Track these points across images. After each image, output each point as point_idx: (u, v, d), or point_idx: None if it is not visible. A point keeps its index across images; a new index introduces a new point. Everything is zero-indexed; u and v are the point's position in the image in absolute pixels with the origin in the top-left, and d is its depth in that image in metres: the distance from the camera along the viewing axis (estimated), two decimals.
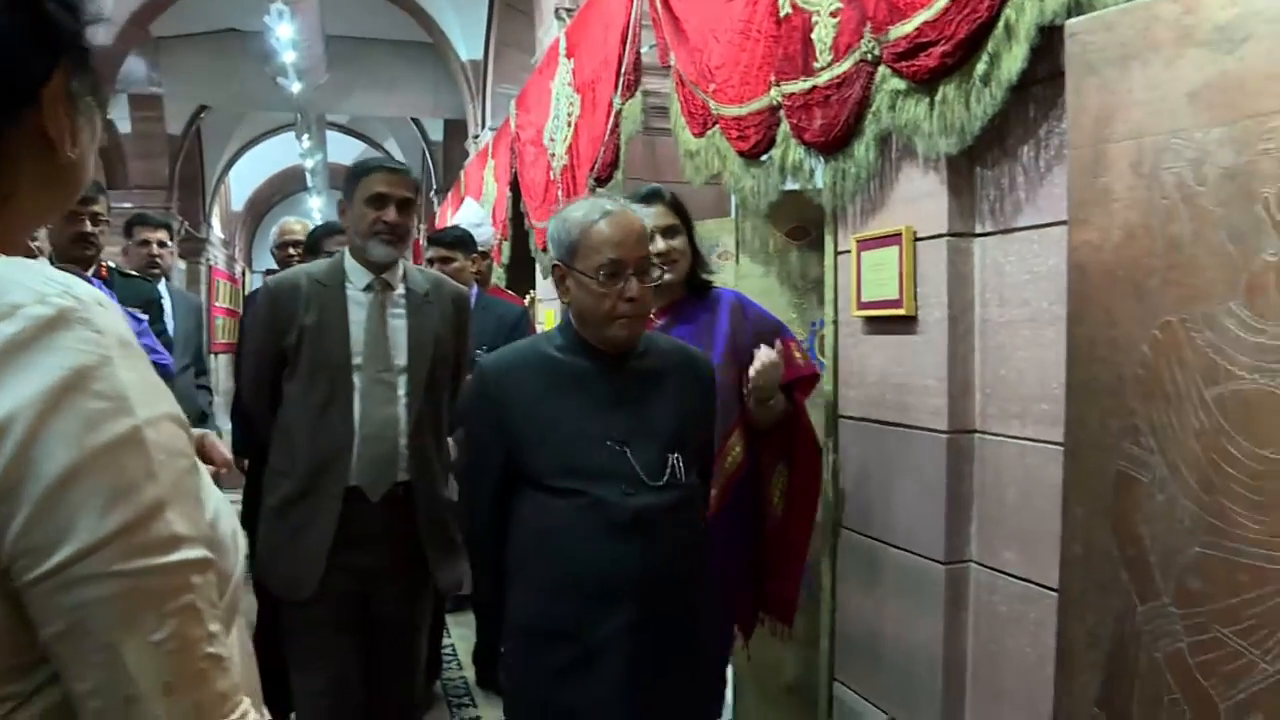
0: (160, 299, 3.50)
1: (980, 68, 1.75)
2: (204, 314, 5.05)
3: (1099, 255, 1.45)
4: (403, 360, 2.27)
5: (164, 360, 2.77)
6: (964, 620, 2.03)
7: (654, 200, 2.28)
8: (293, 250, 3.82)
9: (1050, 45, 1.65)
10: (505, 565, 1.82)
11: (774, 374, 2.18)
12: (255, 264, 19.44)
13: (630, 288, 1.71)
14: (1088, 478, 1.47)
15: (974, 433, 2.01)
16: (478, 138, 8.59)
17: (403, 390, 2.25)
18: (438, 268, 3.31)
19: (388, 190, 2.25)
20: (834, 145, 2.21)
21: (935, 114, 1.87)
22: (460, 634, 4.23)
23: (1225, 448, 1.26)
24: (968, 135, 1.82)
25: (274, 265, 4.08)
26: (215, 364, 11.57)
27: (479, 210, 4.89)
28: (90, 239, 2.85)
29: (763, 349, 2.18)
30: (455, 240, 3.53)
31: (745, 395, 2.25)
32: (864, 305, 2.27)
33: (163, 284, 3.83)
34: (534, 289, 5.56)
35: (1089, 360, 1.47)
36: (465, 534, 1.94)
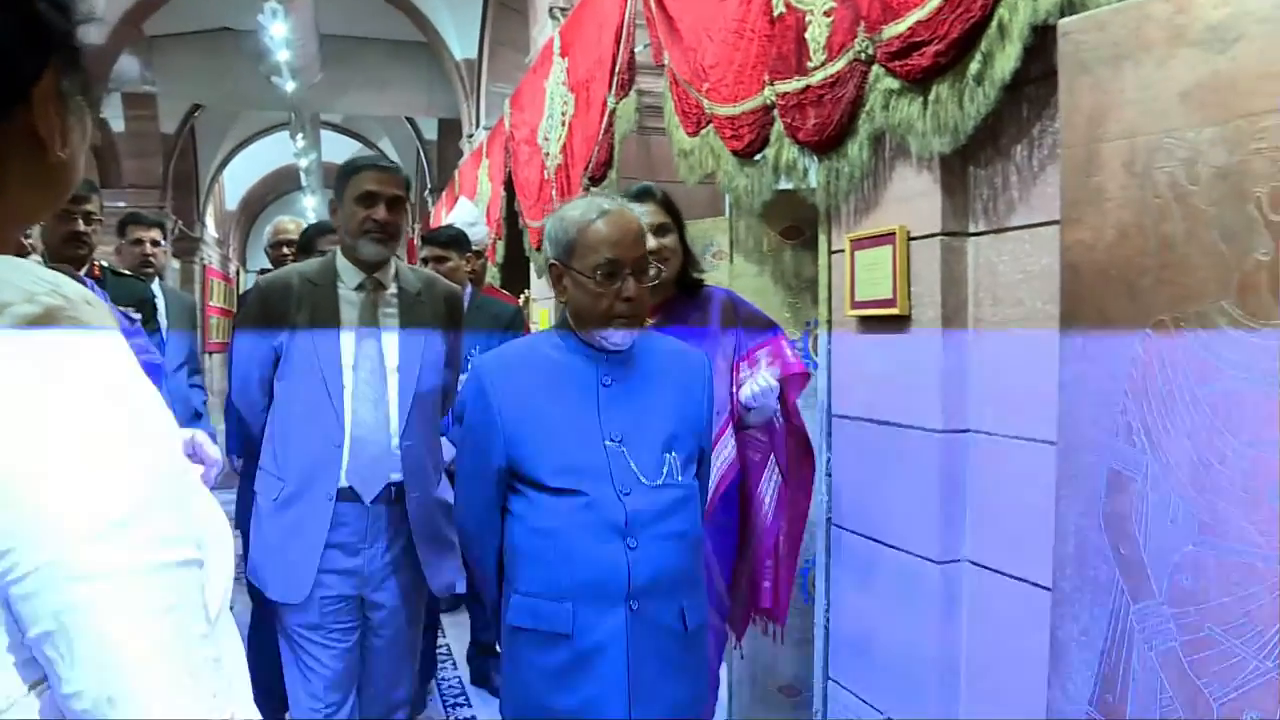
0: (153, 298, 3.50)
1: (973, 67, 1.76)
2: (198, 313, 5.04)
3: (1092, 254, 1.45)
4: (395, 360, 2.25)
5: (155, 361, 2.76)
6: (957, 619, 2.03)
7: (645, 198, 2.27)
8: (287, 249, 3.82)
9: (1043, 45, 1.65)
10: (501, 565, 1.82)
11: (767, 409, 2.25)
12: (250, 263, 19.39)
13: (628, 287, 1.70)
14: (1080, 476, 1.48)
15: (967, 432, 2.02)
16: (472, 137, 8.57)
17: (395, 390, 2.24)
18: (432, 267, 3.31)
19: (377, 188, 2.23)
20: (828, 144, 2.21)
21: (929, 113, 1.88)
22: (455, 633, 4.23)
23: (1217, 446, 1.27)
24: (961, 134, 1.83)
25: (268, 265, 4.07)
26: (210, 363, 11.55)
27: (473, 209, 4.88)
28: (83, 238, 2.84)
29: (759, 374, 2.22)
30: (449, 239, 3.53)
31: (734, 395, 2.25)
32: (858, 305, 2.27)
33: (156, 283, 3.83)
34: (528, 288, 5.56)
35: (1082, 359, 1.47)
36: (461, 533, 1.93)
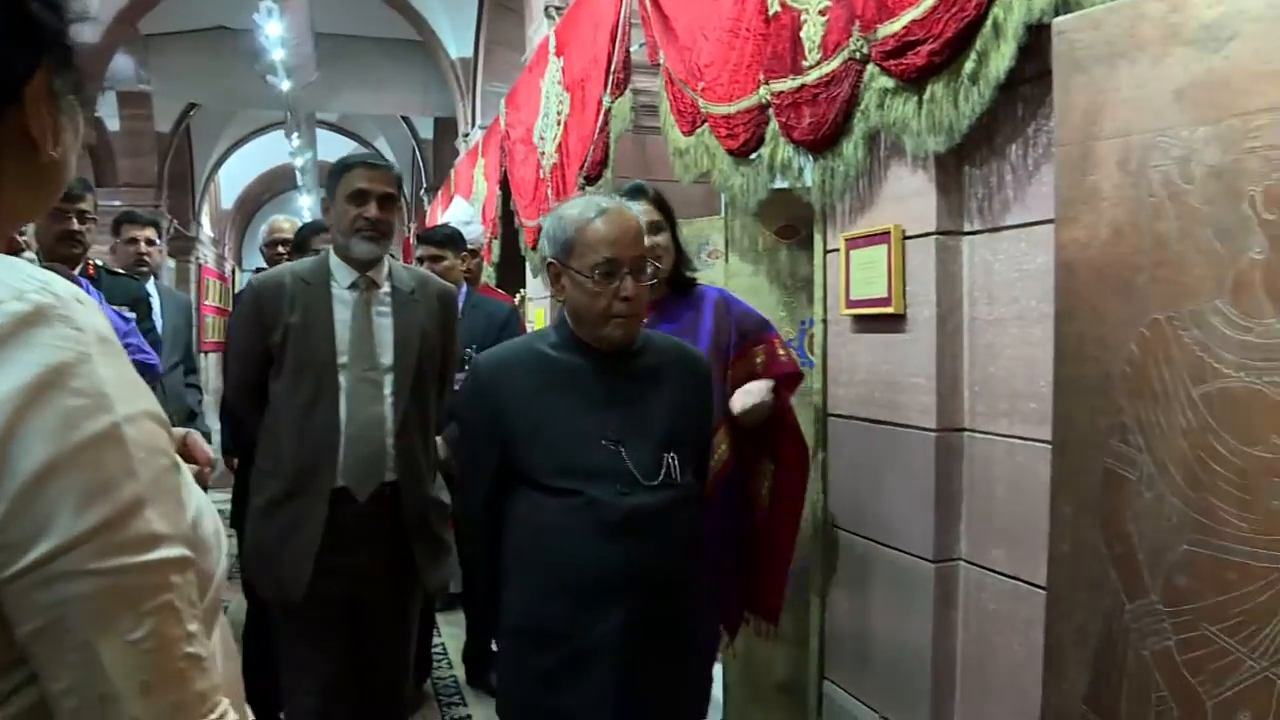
0: (148, 297, 3.49)
1: (968, 66, 1.76)
2: (193, 312, 5.03)
3: (1086, 253, 1.45)
4: (389, 359, 2.25)
5: (150, 360, 2.75)
6: (953, 618, 2.03)
7: (637, 196, 2.27)
8: (282, 248, 3.81)
9: (1038, 44, 1.65)
10: (498, 564, 1.81)
11: (761, 414, 2.24)
12: (245, 262, 19.37)
13: (626, 286, 1.69)
14: (1076, 475, 1.48)
15: (963, 431, 2.02)
16: (468, 136, 8.57)
17: (389, 389, 2.23)
18: (427, 266, 3.30)
19: (369, 186, 2.23)
20: (823, 143, 2.21)
21: (923, 112, 1.88)
22: (451, 633, 4.22)
23: (1212, 445, 1.27)
24: (956, 133, 1.83)
25: (264, 264, 4.06)
26: (205, 363, 11.53)
27: (468, 208, 4.87)
28: (77, 237, 2.84)
29: (752, 386, 2.22)
30: (445, 239, 3.52)
31: (727, 395, 2.25)
32: (853, 303, 2.27)
33: (151, 282, 3.82)
34: (524, 287, 5.55)
35: (1077, 358, 1.48)
36: (459, 533, 1.93)
